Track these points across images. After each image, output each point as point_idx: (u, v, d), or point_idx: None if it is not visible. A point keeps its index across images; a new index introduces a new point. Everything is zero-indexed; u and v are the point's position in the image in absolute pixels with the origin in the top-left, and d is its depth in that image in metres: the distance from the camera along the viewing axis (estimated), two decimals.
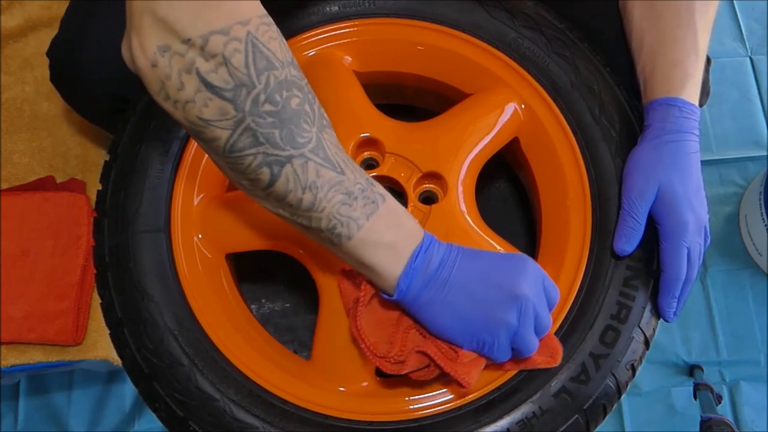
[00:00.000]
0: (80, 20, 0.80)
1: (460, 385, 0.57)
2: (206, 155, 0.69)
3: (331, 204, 0.51)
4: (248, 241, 0.69)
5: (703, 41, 0.67)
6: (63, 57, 0.81)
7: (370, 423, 0.61)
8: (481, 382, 0.62)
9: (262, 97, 0.46)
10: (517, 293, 0.54)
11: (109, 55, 0.74)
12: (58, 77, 0.83)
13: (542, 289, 0.57)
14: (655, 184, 0.63)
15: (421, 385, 0.63)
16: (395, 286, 0.55)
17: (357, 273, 0.59)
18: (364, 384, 0.64)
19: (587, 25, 0.74)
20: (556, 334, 0.63)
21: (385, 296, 0.56)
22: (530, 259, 0.57)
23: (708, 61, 0.71)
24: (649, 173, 0.64)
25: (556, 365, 0.60)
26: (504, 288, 0.55)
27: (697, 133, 0.66)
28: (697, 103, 0.66)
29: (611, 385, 0.62)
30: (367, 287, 0.58)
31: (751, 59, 1.42)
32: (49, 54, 0.82)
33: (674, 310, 0.64)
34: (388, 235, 0.54)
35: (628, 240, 0.64)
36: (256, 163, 0.49)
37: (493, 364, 0.59)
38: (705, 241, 0.65)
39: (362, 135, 0.69)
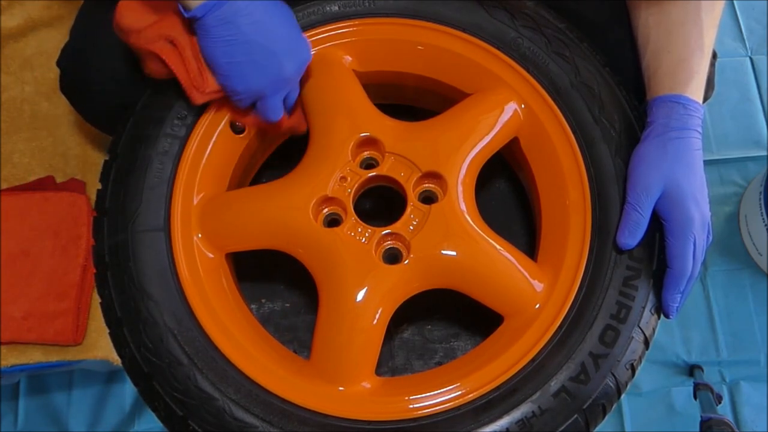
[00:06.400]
0: (90, 29, 0.79)
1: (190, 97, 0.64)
2: (206, 155, 0.69)
3: None
4: (248, 240, 0.69)
5: (708, 39, 0.67)
6: (73, 66, 0.80)
7: (370, 423, 0.61)
8: (480, 381, 0.62)
9: None
10: (288, 72, 0.64)
11: (120, 64, 0.75)
12: (69, 86, 0.81)
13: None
14: (661, 179, 0.63)
15: (421, 385, 0.63)
16: None
17: None
18: (364, 384, 0.64)
19: (588, 24, 0.74)
20: (555, 333, 0.63)
21: (181, 10, 0.59)
22: (310, 48, 0.67)
23: (714, 55, 0.71)
24: (655, 169, 0.64)
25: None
26: (289, 57, 0.64)
27: (700, 131, 0.66)
28: (701, 101, 0.66)
29: (611, 384, 0.62)
30: None
31: (751, 59, 1.42)
32: (59, 63, 0.81)
33: (677, 305, 0.64)
34: None
35: (632, 234, 0.64)
36: None
37: None
38: (708, 237, 0.65)
39: (362, 134, 0.69)
